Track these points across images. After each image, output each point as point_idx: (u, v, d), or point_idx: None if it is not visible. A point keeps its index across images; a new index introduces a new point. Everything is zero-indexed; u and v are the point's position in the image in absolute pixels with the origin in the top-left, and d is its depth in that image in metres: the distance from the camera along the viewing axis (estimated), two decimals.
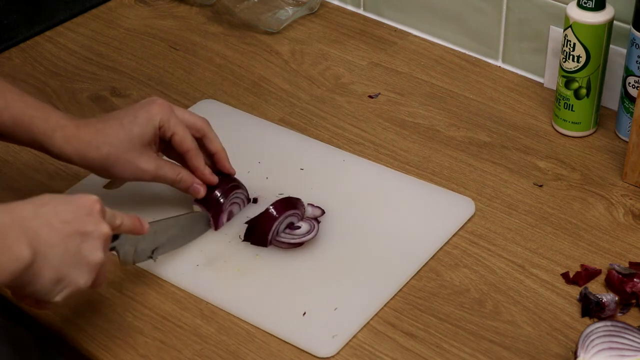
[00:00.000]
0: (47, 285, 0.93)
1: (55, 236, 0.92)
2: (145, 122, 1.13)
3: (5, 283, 0.90)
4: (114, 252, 1.07)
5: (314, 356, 1.05)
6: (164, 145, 1.17)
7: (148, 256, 1.13)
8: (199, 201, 1.18)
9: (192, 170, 1.17)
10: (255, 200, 1.22)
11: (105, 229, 0.97)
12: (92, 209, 0.96)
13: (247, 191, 1.22)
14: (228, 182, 1.19)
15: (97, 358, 1.06)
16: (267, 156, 1.30)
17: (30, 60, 1.54)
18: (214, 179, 1.18)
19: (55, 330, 1.09)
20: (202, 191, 1.17)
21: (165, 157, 1.18)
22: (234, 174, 1.21)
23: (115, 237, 1.06)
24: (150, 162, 1.13)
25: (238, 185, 1.20)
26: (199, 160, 1.16)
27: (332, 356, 1.05)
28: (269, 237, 1.15)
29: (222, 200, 1.18)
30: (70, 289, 0.95)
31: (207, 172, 1.17)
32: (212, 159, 1.19)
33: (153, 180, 1.15)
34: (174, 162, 1.17)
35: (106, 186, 1.22)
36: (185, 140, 1.14)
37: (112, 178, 1.17)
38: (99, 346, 1.06)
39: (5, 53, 1.55)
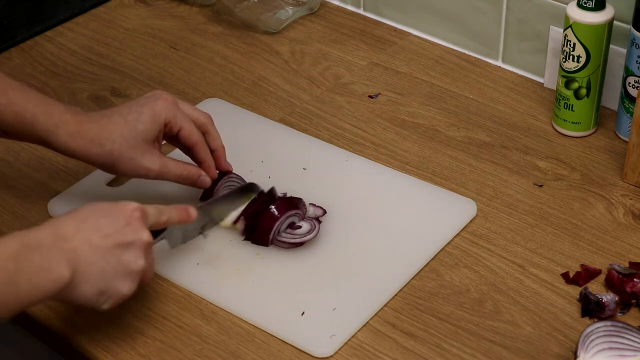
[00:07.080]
0: (89, 298, 0.96)
1: (94, 253, 0.95)
2: (149, 120, 1.12)
3: (44, 301, 0.92)
4: (165, 240, 1.09)
5: (313, 356, 1.05)
6: (170, 137, 1.17)
7: (198, 232, 1.16)
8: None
9: (199, 163, 1.17)
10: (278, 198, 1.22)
11: (145, 236, 0.98)
12: (131, 217, 0.98)
13: (244, 181, 1.22)
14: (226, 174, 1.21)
15: (97, 358, 1.05)
16: (270, 155, 1.30)
17: (30, 60, 1.54)
18: (216, 173, 1.19)
19: (55, 331, 1.09)
20: (208, 181, 1.17)
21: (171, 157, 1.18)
22: (231, 170, 1.21)
23: (163, 229, 1.07)
24: (154, 161, 1.13)
25: (232, 172, 1.21)
26: (206, 153, 1.17)
27: (331, 356, 1.05)
28: (270, 236, 1.15)
29: (215, 186, 1.19)
30: (115, 299, 0.98)
31: (213, 165, 1.17)
32: (211, 156, 1.19)
33: (157, 179, 1.14)
34: (176, 159, 1.17)
35: (109, 184, 1.22)
36: (192, 134, 1.15)
37: (117, 174, 1.17)
38: (99, 346, 1.06)
39: (5, 53, 1.55)
